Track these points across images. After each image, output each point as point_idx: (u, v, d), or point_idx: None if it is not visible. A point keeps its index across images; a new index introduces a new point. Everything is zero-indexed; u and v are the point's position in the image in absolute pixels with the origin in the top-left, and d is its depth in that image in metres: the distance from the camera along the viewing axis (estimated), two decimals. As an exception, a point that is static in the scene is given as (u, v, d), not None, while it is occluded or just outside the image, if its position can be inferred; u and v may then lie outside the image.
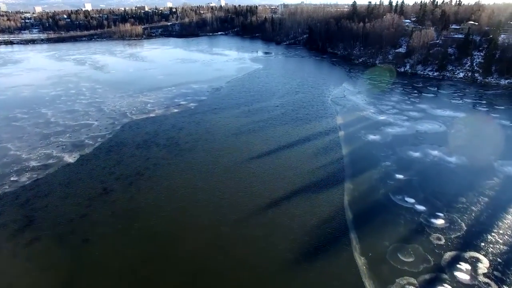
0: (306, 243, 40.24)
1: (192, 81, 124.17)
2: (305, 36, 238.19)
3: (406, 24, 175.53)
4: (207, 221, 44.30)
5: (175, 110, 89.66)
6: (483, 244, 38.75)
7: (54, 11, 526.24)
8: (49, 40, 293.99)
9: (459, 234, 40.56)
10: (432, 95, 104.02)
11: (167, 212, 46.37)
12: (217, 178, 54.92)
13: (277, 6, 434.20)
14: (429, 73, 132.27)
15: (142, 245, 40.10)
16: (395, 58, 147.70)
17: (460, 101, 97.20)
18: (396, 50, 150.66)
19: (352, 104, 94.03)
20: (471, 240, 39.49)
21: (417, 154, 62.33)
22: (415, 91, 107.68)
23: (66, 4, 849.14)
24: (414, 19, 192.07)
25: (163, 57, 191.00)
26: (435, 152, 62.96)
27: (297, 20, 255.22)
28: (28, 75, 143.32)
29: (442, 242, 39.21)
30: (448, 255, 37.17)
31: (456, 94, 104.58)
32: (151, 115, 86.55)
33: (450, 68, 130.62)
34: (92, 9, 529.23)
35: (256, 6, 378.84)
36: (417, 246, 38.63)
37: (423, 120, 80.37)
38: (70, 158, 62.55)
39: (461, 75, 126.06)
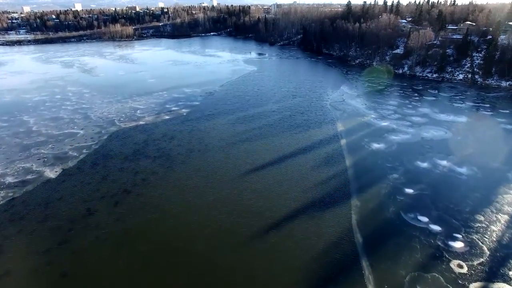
0: (313, 272, 35.97)
1: (184, 84, 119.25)
2: (299, 36, 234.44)
3: (402, 24, 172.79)
4: (202, 247, 39.75)
5: (166, 117, 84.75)
6: (511, 273, 34.82)
7: (43, 11, 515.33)
8: (36, 41, 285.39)
9: (482, 260, 36.62)
10: (433, 98, 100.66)
11: (158, 236, 41.72)
12: (212, 196, 50.32)
13: (270, 6, 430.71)
14: (428, 74, 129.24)
15: (129, 277, 35.40)
16: (393, 59, 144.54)
17: (463, 105, 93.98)
18: (394, 51, 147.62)
19: (352, 108, 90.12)
20: (497, 267, 35.57)
21: (425, 165, 58.49)
22: (416, 94, 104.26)
23: (56, 4, 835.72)
24: (409, 19, 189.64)
25: (154, 59, 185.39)
26: (444, 162, 59.22)
27: (291, 20, 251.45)
28: (12, 79, 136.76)
29: (465, 270, 35.24)
30: (474, 287, 33.17)
31: (457, 97, 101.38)
32: (141, 122, 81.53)
33: (449, 70, 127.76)
34: (82, 9, 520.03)
35: (249, 6, 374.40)
36: (437, 276, 34.59)
37: (427, 126, 76.73)
38: (51, 173, 57.37)
39: (461, 76, 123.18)
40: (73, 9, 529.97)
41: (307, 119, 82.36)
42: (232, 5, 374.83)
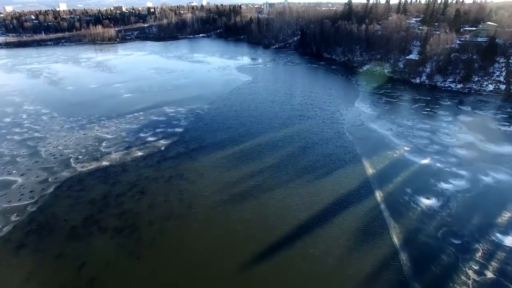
0: None
1: (166, 101, 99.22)
2: (296, 38, 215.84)
3: (412, 25, 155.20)
4: None
5: (139, 154, 64.81)
6: None
7: (22, 11, 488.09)
8: (8, 45, 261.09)
9: None
10: (469, 118, 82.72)
11: None
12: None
13: (262, 5, 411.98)
14: (451, 85, 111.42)
15: None
16: (407, 67, 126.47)
17: (511, 127, 76.11)
18: (407, 57, 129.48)
19: (376, 136, 71.46)
20: None
21: (509, 240, 39.97)
22: (447, 113, 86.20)
23: (42, 4, 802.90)
24: (417, 19, 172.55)
25: (135, 66, 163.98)
26: (535, 235, 40.81)
27: (286, 21, 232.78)
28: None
29: None
30: None
31: (498, 116, 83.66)
32: (104, 163, 61.45)
33: (475, 79, 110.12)
34: (63, 10, 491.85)
35: (240, 5, 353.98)
36: None
37: (481, 165, 58.46)
38: None
39: (491, 87, 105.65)
40: (57, 8, 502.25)
41: (324, 153, 63.38)
42: (222, 5, 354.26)
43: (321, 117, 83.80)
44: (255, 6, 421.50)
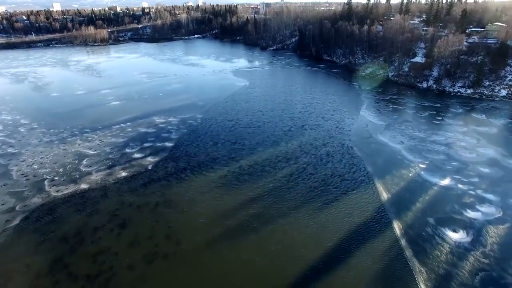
0: None
1: (157, 110, 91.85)
2: (294, 39, 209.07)
3: (416, 25, 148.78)
4: None
5: (123, 174, 57.48)
6: None
7: (14, 11, 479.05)
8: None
9: None
10: (485, 128, 76.10)
11: None
12: None
13: (258, 5, 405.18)
14: (460, 90, 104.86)
15: None
16: (412, 70, 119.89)
17: (532, 140, 69.69)
18: (412, 60, 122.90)
19: (387, 151, 64.58)
20: None
21: (560, 289, 33.19)
22: (460, 122, 79.62)
23: (36, 4, 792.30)
24: (419, 19, 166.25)
25: (126, 70, 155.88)
26: None
27: (284, 21, 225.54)
28: None
29: None
30: None
31: (517, 126, 77.23)
32: (83, 186, 54.12)
33: (486, 84, 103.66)
34: (56, 10, 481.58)
35: (236, 5, 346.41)
36: None
37: (509, 186, 51.94)
38: None
39: (504, 92, 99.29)
40: (51, 9, 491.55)
41: (332, 173, 56.36)
42: (217, 5, 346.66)
43: (325, 128, 76.87)
44: (252, 6, 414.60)
